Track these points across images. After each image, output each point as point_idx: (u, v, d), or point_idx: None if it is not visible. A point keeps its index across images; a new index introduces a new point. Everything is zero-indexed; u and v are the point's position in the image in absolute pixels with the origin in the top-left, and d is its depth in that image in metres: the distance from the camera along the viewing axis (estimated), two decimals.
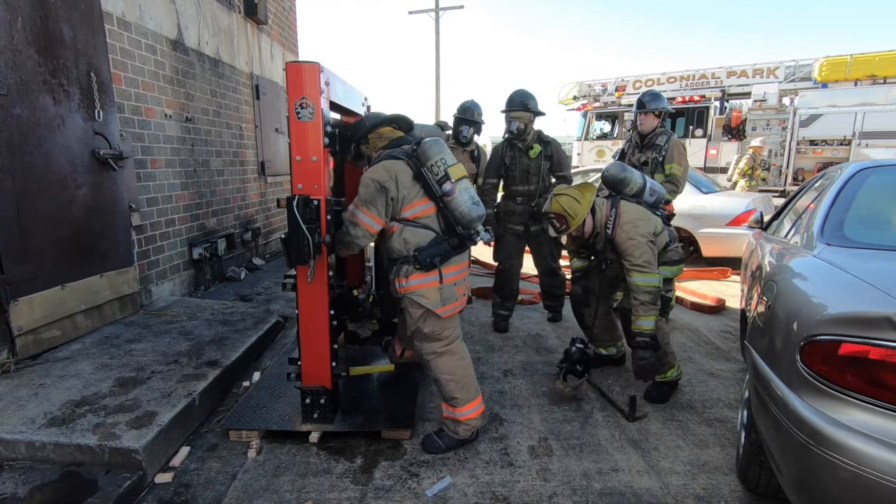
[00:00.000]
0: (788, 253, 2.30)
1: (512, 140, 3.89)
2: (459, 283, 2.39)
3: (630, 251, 2.71)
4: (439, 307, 2.30)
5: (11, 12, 2.78)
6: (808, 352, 1.50)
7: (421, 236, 2.30)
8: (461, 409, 2.39)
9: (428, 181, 2.28)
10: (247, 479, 2.21)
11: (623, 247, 2.74)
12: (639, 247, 2.69)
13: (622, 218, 2.76)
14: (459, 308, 2.42)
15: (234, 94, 5.57)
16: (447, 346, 2.39)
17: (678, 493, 2.12)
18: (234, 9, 5.56)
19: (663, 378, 2.91)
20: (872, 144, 9.21)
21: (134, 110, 3.88)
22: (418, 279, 2.28)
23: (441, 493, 2.12)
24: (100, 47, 3.39)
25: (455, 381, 2.38)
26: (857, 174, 2.43)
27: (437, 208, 2.32)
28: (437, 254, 2.27)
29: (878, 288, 1.51)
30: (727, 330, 4.14)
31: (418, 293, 2.29)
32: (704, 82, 12.58)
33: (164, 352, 3.10)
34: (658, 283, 2.69)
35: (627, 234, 2.73)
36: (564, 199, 2.78)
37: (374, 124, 2.45)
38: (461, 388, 2.38)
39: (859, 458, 1.31)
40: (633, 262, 2.70)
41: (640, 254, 2.68)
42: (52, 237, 3.05)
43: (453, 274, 2.35)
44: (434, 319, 2.33)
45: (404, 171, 2.28)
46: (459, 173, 2.32)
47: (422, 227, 2.31)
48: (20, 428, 2.21)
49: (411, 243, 2.29)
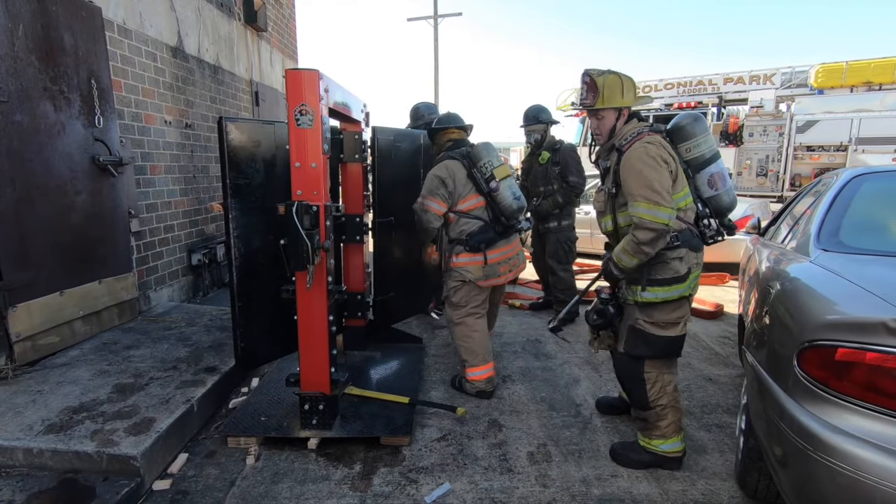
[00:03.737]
0: (785, 259, 2.31)
1: (533, 149, 4.47)
2: (503, 263, 3.01)
3: (641, 172, 2.06)
4: (482, 280, 2.95)
5: (13, 19, 2.79)
6: (805, 357, 1.51)
7: (472, 225, 2.93)
8: (467, 369, 3.01)
9: (477, 180, 2.91)
10: (245, 485, 2.20)
11: (631, 166, 2.10)
12: (654, 169, 2.06)
13: (644, 138, 2.15)
14: (502, 282, 3.08)
15: (234, 100, 5.59)
16: (462, 318, 3.00)
17: (677, 498, 2.12)
18: (234, 16, 5.59)
19: (647, 444, 2.31)
20: (868, 150, 9.25)
21: (134, 117, 3.89)
22: (466, 258, 2.94)
23: (440, 499, 2.11)
24: (100, 54, 3.41)
25: (465, 348, 3.00)
26: (852, 180, 2.45)
27: (486, 202, 2.94)
28: (483, 240, 2.90)
29: (874, 293, 1.52)
30: (725, 335, 4.15)
31: (465, 269, 2.94)
32: (701, 88, 12.64)
33: (163, 358, 3.09)
34: (668, 221, 2.01)
35: (645, 152, 2.09)
36: (610, 77, 2.23)
37: (444, 126, 3.14)
38: (469, 354, 2.99)
39: (857, 464, 1.31)
40: (639, 187, 2.05)
41: (654, 177, 2.04)
42: (52, 243, 3.05)
43: (497, 255, 2.98)
44: (465, 291, 2.98)
45: (460, 171, 2.91)
46: (504, 173, 2.91)
47: (473, 218, 2.94)
48: (18, 434, 2.20)
49: (465, 230, 2.93)
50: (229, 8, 5.48)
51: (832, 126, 9.70)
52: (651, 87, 13.21)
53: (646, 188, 2.04)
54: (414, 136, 3.85)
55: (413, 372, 3.24)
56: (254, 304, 2.75)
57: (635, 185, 2.07)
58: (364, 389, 2.86)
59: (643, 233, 2.04)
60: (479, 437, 2.59)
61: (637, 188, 2.06)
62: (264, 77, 6.43)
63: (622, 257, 2.14)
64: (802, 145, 10.05)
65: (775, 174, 10.45)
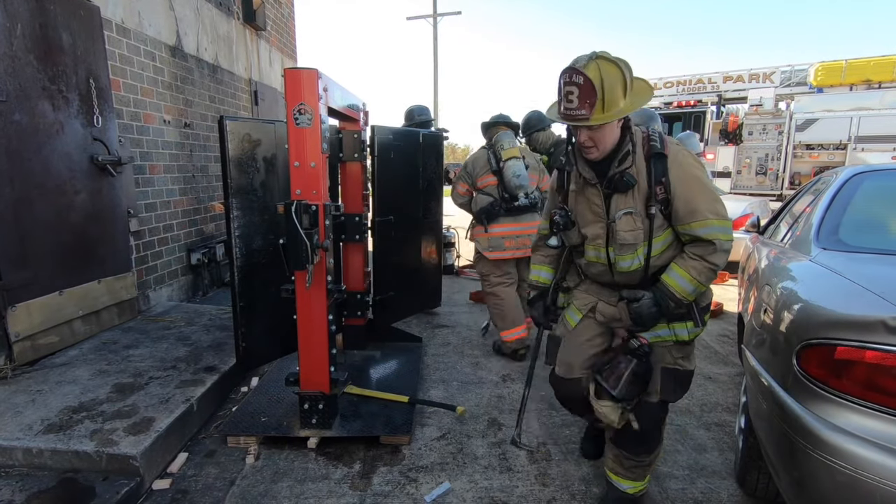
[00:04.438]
0: (785, 257, 2.31)
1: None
2: (509, 238, 3.40)
3: (702, 181, 1.69)
4: (487, 251, 3.42)
5: (11, 19, 2.79)
6: (804, 356, 1.51)
7: (483, 202, 3.44)
8: (501, 333, 3.54)
9: (491, 161, 3.39)
10: (245, 485, 2.20)
11: (690, 174, 1.67)
12: (708, 185, 1.73)
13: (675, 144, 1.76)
14: (507, 257, 3.44)
15: (233, 99, 5.58)
16: (492, 288, 3.53)
17: (677, 497, 2.12)
18: (232, 15, 5.59)
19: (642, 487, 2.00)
20: (868, 149, 9.27)
21: (133, 116, 3.89)
22: (479, 230, 3.49)
23: (440, 498, 2.11)
24: (99, 54, 3.41)
25: (495, 313, 3.55)
26: (852, 178, 2.45)
27: (497, 181, 3.39)
28: (486, 212, 3.40)
29: (873, 292, 1.52)
30: (725, 334, 4.15)
31: (477, 240, 3.50)
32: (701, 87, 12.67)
33: (163, 357, 3.09)
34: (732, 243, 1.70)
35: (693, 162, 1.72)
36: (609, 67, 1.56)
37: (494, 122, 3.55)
38: (499, 319, 3.51)
39: (857, 462, 1.31)
40: (709, 201, 1.67)
41: (714, 187, 1.77)
42: (51, 243, 3.05)
43: (500, 230, 3.40)
44: (483, 263, 3.52)
45: (482, 156, 3.48)
46: (510, 154, 3.31)
47: (486, 195, 3.44)
48: (17, 434, 2.20)
49: (479, 205, 3.46)
50: (228, 7, 5.47)
51: (832, 124, 9.71)
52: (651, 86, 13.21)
53: (716, 202, 1.68)
54: (413, 134, 3.84)
55: (413, 371, 3.23)
56: (254, 303, 2.75)
57: (705, 199, 1.66)
58: (364, 388, 2.86)
59: (723, 257, 1.67)
60: (479, 435, 2.59)
61: (707, 202, 1.66)
62: (263, 76, 6.43)
63: (688, 289, 1.67)
64: (802, 143, 10.06)
65: (775, 172, 10.46)
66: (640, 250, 1.73)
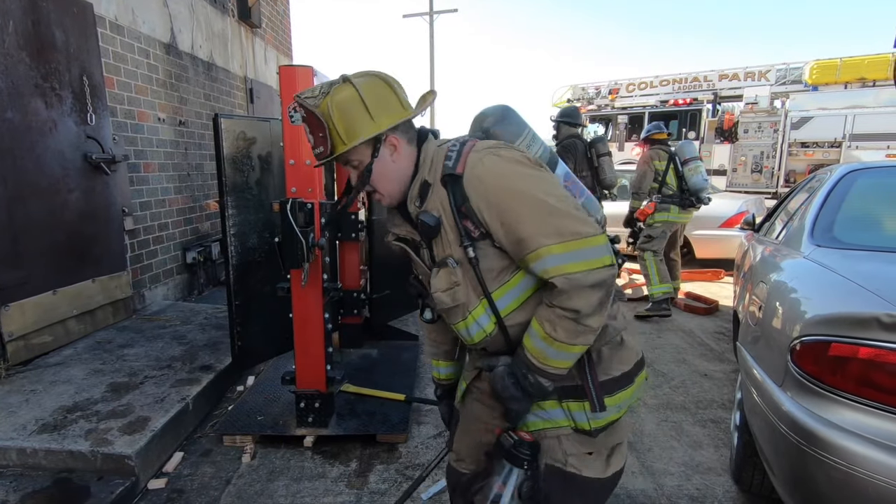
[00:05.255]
0: (779, 254, 2.32)
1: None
2: None
3: (527, 196, 1.09)
4: None
5: (3, 16, 2.76)
6: (799, 352, 1.51)
7: None
8: None
9: None
10: (241, 484, 2.20)
11: (498, 189, 1.10)
12: (536, 193, 1.10)
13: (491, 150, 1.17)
14: None
15: (228, 97, 5.56)
16: None
17: (672, 493, 2.13)
18: (227, 13, 5.56)
19: None
20: (862, 146, 9.31)
21: (127, 114, 3.86)
22: None
23: (436, 496, 2.11)
24: (92, 51, 3.38)
25: None
26: (846, 176, 2.46)
27: None
28: None
29: (868, 289, 1.52)
30: (721, 331, 4.17)
31: None
32: (697, 85, 12.69)
33: (158, 356, 3.08)
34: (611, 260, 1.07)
35: (503, 169, 1.12)
36: (340, 91, 1.18)
37: None
38: None
39: (851, 458, 1.32)
40: (535, 222, 1.07)
41: (551, 206, 1.09)
42: (44, 242, 3.03)
43: None
44: None
45: None
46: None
47: None
48: (11, 434, 2.19)
49: None
50: (223, 4, 5.44)
51: (826, 122, 9.75)
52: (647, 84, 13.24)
53: (551, 216, 1.09)
54: None
55: (409, 369, 3.23)
56: (250, 302, 2.74)
57: (531, 219, 1.08)
58: (360, 387, 2.86)
59: (584, 296, 1.07)
60: None
61: (536, 222, 1.08)
62: (259, 74, 6.40)
63: (546, 351, 1.10)
64: (797, 141, 10.10)
65: (770, 170, 10.49)
66: (477, 311, 1.18)
